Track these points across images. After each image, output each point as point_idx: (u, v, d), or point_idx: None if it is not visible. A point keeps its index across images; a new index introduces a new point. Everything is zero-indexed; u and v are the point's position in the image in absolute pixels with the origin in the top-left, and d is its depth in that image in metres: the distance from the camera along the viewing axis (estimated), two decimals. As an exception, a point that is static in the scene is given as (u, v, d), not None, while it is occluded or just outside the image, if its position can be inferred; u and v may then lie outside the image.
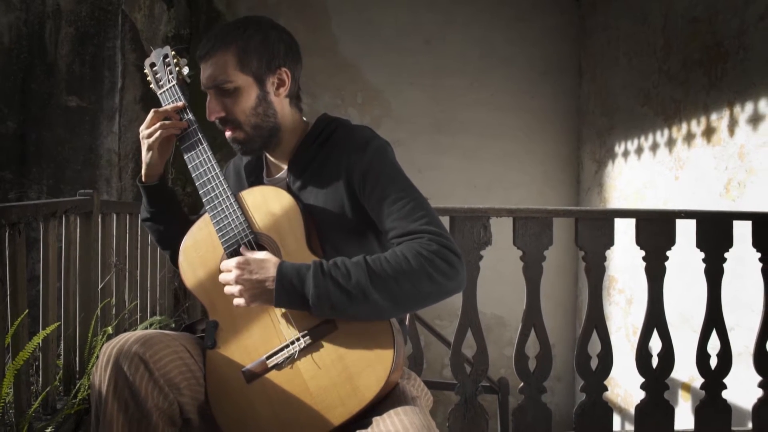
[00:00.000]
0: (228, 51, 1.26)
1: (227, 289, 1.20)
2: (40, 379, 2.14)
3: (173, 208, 1.44)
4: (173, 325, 3.26)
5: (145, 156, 1.36)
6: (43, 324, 2.11)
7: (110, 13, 3.86)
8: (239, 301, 1.18)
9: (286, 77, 1.31)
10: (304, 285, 1.13)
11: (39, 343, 1.92)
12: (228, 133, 1.32)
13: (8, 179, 3.76)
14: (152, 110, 1.34)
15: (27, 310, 1.94)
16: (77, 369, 2.37)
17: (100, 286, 2.57)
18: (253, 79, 1.28)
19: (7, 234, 1.85)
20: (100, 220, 2.57)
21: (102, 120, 3.85)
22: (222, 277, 1.20)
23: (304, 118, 1.41)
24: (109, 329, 2.53)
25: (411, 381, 1.29)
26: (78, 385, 2.24)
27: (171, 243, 1.43)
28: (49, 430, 1.91)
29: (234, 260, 1.17)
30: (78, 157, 3.82)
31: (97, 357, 1.16)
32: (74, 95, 3.82)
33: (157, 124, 1.32)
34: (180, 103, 1.35)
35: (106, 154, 3.85)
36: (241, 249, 1.23)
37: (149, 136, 1.33)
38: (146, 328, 2.89)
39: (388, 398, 1.15)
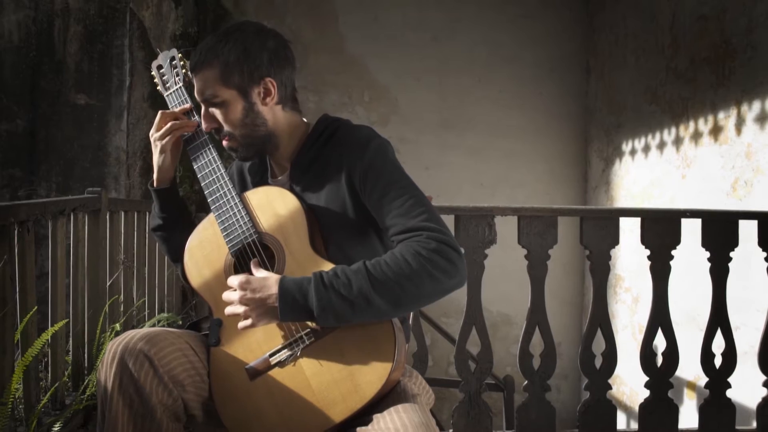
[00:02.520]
0: (211, 66, 1.27)
1: (230, 309, 1.19)
2: (49, 375, 2.17)
3: (184, 214, 1.44)
4: (180, 322, 3.28)
5: (158, 159, 1.36)
6: (51, 320, 2.14)
7: (118, 12, 3.89)
8: (245, 323, 1.18)
9: (272, 86, 1.30)
10: (307, 299, 1.13)
11: (48, 340, 1.94)
12: (224, 143, 1.33)
13: (18, 176, 3.79)
14: (159, 112, 1.35)
15: (36, 307, 1.96)
16: (86, 365, 2.39)
17: (108, 284, 2.59)
18: (237, 92, 1.28)
19: (16, 232, 1.87)
20: (108, 217, 2.60)
21: (110, 118, 3.88)
22: (225, 296, 1.20)
23: (305, 119, 1.41)
24: (117, 326, 2.56)
25: (413, 379, 1.30)
26: (86, 380, 2.27)
27: (182, 254, 1.42)
28: (57, 425, 1.94)
29: (236, 279, 1.18)
30: (86, 154, 3.86)
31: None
32: (83, 93, 3.85)
33: (168, 126, 1.34)
34: (186, 105, 1.36)
35: (115, 152, 3.88)
36: (251, 264, 1.23)
37: (161, 138, 1.34)
38: (154, 325, 2.92)
39: (389, 396, 1.16)
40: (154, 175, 1.39)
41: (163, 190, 1.40)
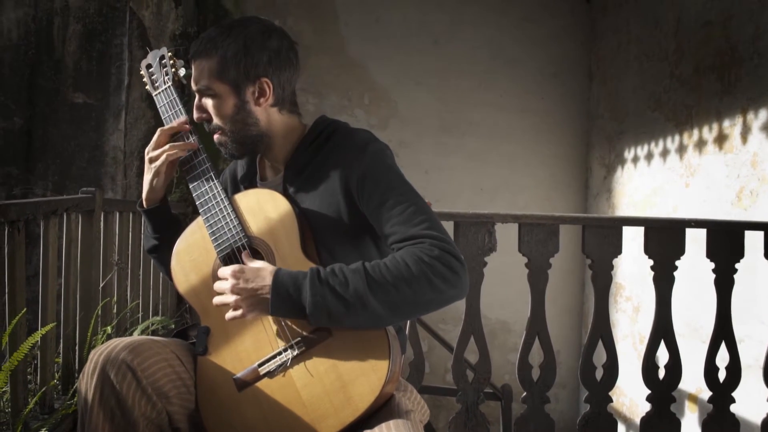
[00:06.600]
0: (209, 57, 1.24)
1: (219, 299, 1.16)
2: (38, 378, 2.13)
3: (180, 231, 1.38)
4: (173, 326, 3.24)
5: (151, 180, 1.32)
6: (42, 322, 2.09)
7: (118, 11, 3.86)
8: (234, 313, 1.14)
9: (267, 87, 1.27)
10: (301, 294, 1.09)
11: (37, 342, 1.90)
12: (215, 136, 1.30)
13: (14, 175, 3.76)
14: (159, 129, 1.31)
15: (25, 309, 1.92)
16: (76, 368, 2.35)
17: (101, 285, 2.55)
18: (231, 88, 1.25)
19: (6, 232, 1.83)
20: (102, 218, 2.55)
21: (108, 117, 3.85)
22: (217, 285, 1.17)
23: (304, 122, 1.37)
24: (109, 329, 2.51)
25: (407, 393, 1.26)
26: (77, 384, 2.22)
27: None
28: (44, 430, 1.89)
29: (229, 269, 1.14)
30: (83, 154, 3.82)
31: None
32: (81, 92, 3.82)
33: (166, 147, 1.29)
34: (184, 120, 1.32)
35: (112, 152, 3.85)
36: (243, 255, 1.19)
37: (157, 158, 1.29)
38: (146, 328, 2.88)
39: (381, 410, 1.12)
40: (144, 195, 1.34)
41: (154, 210, 1.35)
